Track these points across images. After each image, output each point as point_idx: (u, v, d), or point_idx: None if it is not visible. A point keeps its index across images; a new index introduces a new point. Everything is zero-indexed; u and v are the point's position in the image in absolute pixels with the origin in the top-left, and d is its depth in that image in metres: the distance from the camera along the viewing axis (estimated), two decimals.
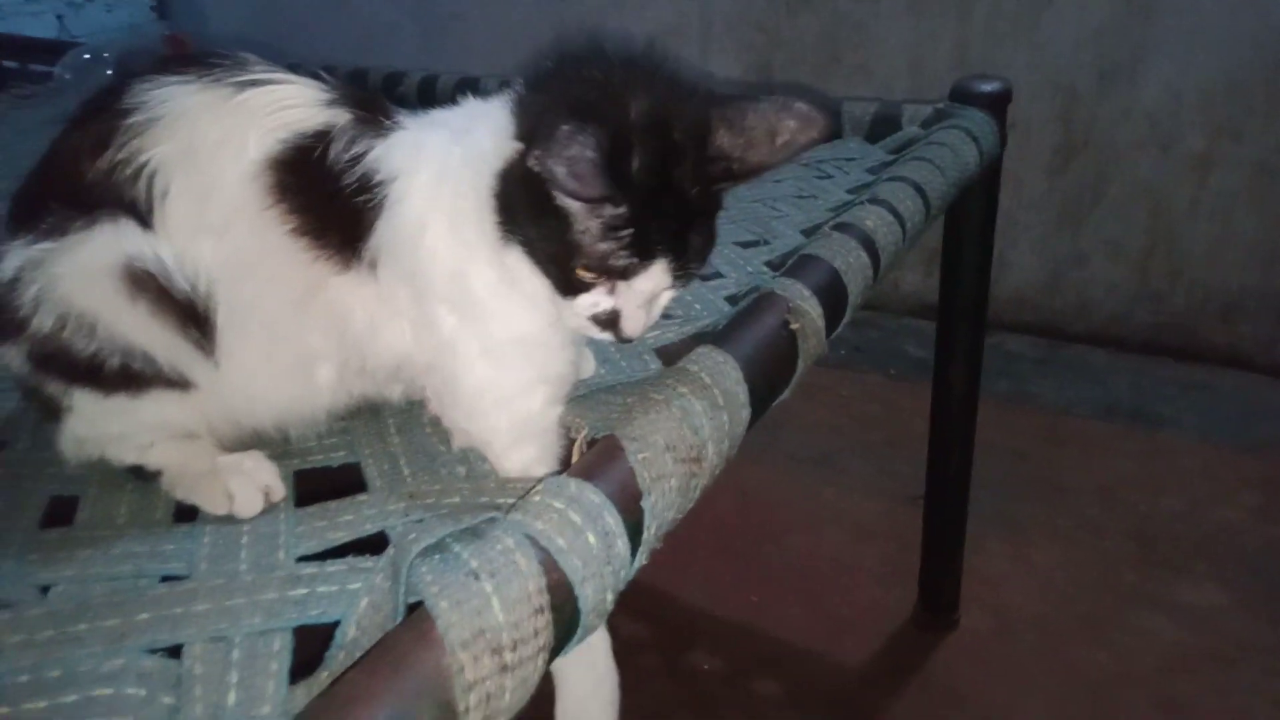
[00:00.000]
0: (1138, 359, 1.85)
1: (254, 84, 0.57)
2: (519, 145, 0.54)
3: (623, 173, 0.50)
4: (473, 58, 2.41)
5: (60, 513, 0.59)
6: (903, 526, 1.34)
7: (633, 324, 0.56)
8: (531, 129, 0.52)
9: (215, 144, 0.55)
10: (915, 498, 1.30)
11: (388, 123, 0.58)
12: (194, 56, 0.59)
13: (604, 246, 0.53)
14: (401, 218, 0.56)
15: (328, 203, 0.56)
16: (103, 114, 0.56)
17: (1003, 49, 1.83)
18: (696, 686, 1.22)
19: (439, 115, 0.61)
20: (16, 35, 2.14)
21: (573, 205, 0.52)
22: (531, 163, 0.49)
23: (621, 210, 0.52)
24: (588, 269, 0.54)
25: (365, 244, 0.56)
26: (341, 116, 0.57)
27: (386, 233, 0.56)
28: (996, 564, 1.38)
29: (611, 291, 0.55)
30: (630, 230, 0.53)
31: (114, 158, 0.54)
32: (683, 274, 0.56)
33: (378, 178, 0.56)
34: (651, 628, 0.60)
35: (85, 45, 1.54)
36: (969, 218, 1.08)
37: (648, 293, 0.56)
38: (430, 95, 1.44)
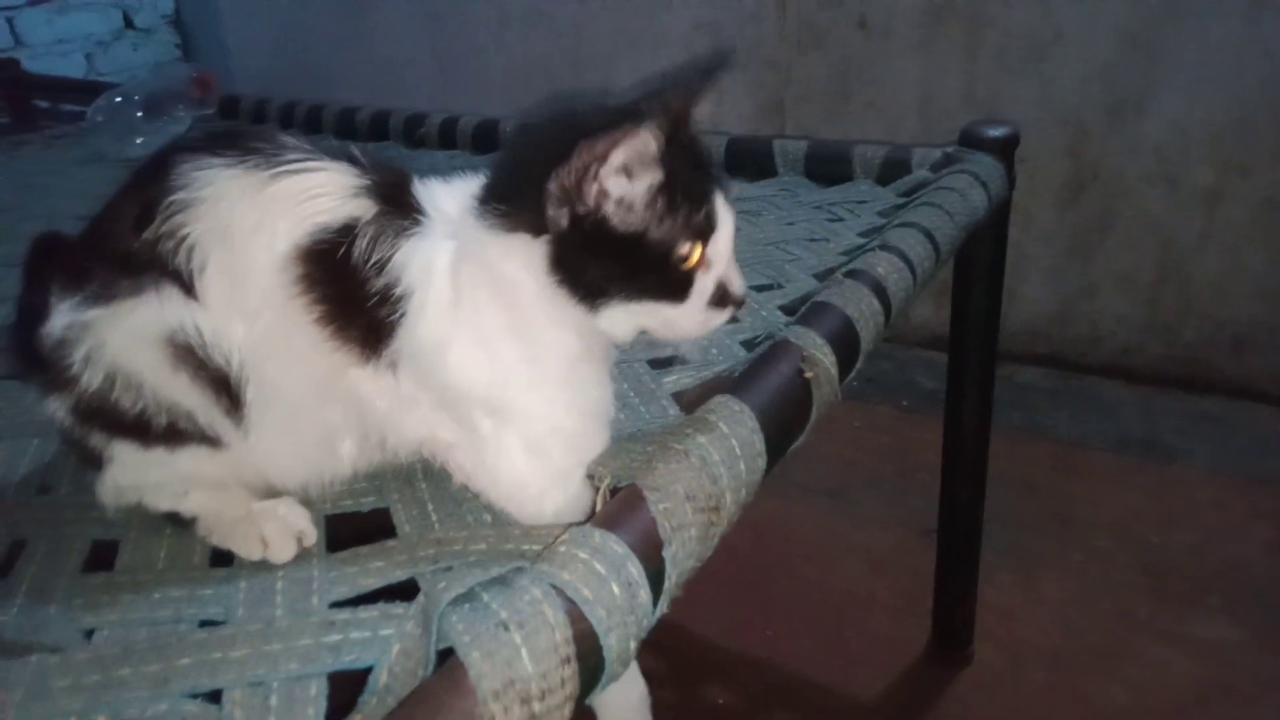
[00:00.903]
0: (1149, 391, 1.86)
1: (288, 172, 0.59)
2: (530, 235, 0.57)
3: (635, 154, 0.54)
4: (490, 93, 2.46)
5: (102, 557, 0.61)
6: (916, 559, 1.35)
7: (737, 280, 0.60)
8: (558, 193, 0.55)
9: (249, 230, 0.57)
10: (929, 530, 1.31)
11: (407, 222, 0.60)
12: (236, 135, 0.61)
13: (680, 217, 0.56)
14: (421, 334, 0.58)
15: (350, 300, 0.58)
16: (150, 186, 0.59)
17: (1011, 85, 1.86)
18: None
19: (449, 209, 0.62)
20: (48, 75, 2.20)
21: (634, 218, 0.56)
22: (594, 200, 0.55)
23: (661, 177, 0.55)
24: (686, 244, 0.57)
25: (384, 348, 0.59)
26: (367, 209, 0.59)
27: (407, 345, 0.58)
28: (1009, 597, 1.39)
29: (707, 267, 0.58)
30: (678, 186, 0.56)
31: (159, 229, 0.57)
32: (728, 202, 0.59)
33: (397, 290, 0.58)
34: (666, 661, 0.62)
35: (117, 88, 1.58)
36: (978, 256, 1.10)
37: (730, 233, 0.59)
38: (451, 138, 1.47)
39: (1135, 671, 1.27)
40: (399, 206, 0.60)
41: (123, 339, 0.57)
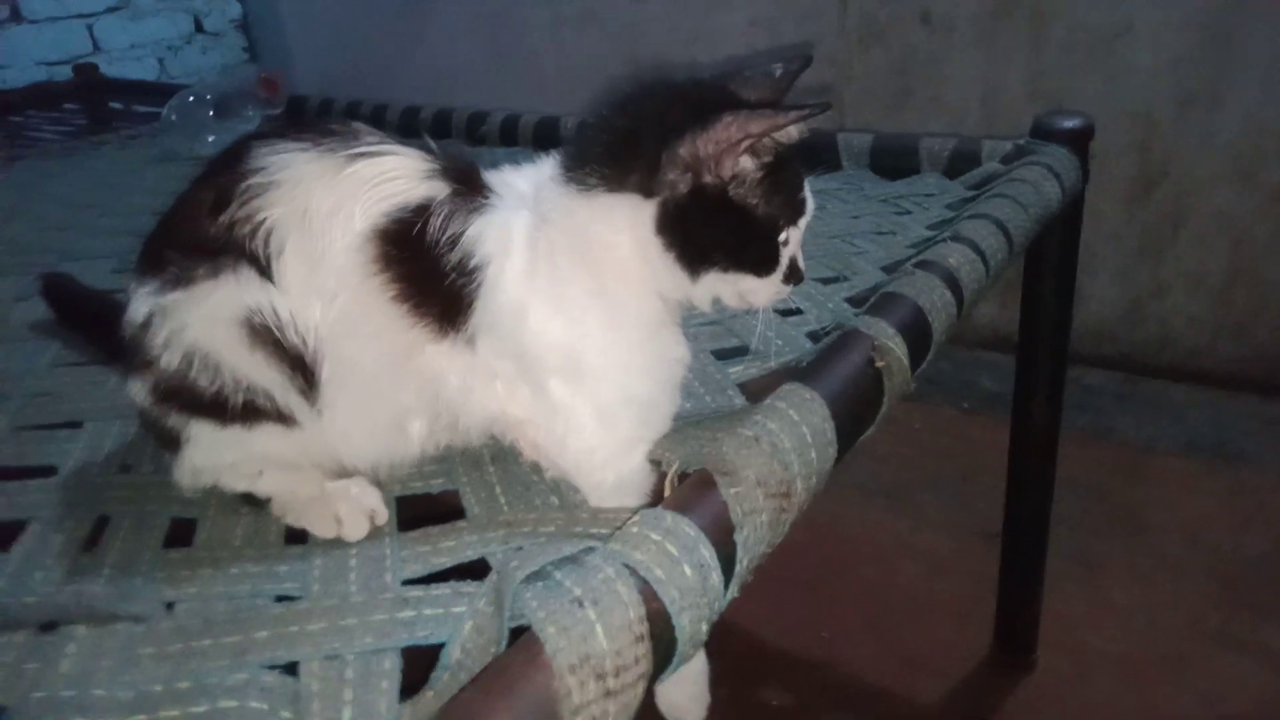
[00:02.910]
0: (1219, 394, 1.79)
1: (363, 155, 0.60)
2: (640, 197, 0.58)
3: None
4: (547, 92, 2.47)
5: (181, 534, 0.63)
6: (978, 562, 1.32)
7: (801, 257, 0.63)
8: (682, 158, 0.56)
9: (327, 212, 0.58)
10: (992, 534, 1.28)
11: (480, 199, 0.61)
12: (311, 123, 0.63)
13: (783, 198, 0.59)
14: (499, 302, 0.59)
15: (427, 276, 0.59)
16: (226, 173, 0.60)
17: (1077, 79, 1.82)
18: None
19: (522, 186, 0.63)
20: (122, 79, 2.28)
21: (750, 194, 0.58)
22: (719, 172, 0.56)
23: (770, 158, 0.58)
24: (789, 224, 0.60)
25: (463, 320, 0.59)
26: (441, 190, 0.60)
27: (485, 314, 0.59)
28: (1075, 603, 1.35)
29: (786, 241, 0.60)
30: (785, 169, 0.59)
31: (235, 214, 0.58)
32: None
33: (473, 261, 0.59)
34: (721, 661, 0.60)
35: (189, 89, 1.63)
36: (1050, 252, 1.08)
37: (809, 211, 0.62)
38: (512, 135, 1.48)
39: (1206, 682, 1.23)
40: (470, 187, 0.61)
41: (201, 321, 0.59)
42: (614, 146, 0.59)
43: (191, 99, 1.59)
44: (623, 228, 0.58)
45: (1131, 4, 1.73)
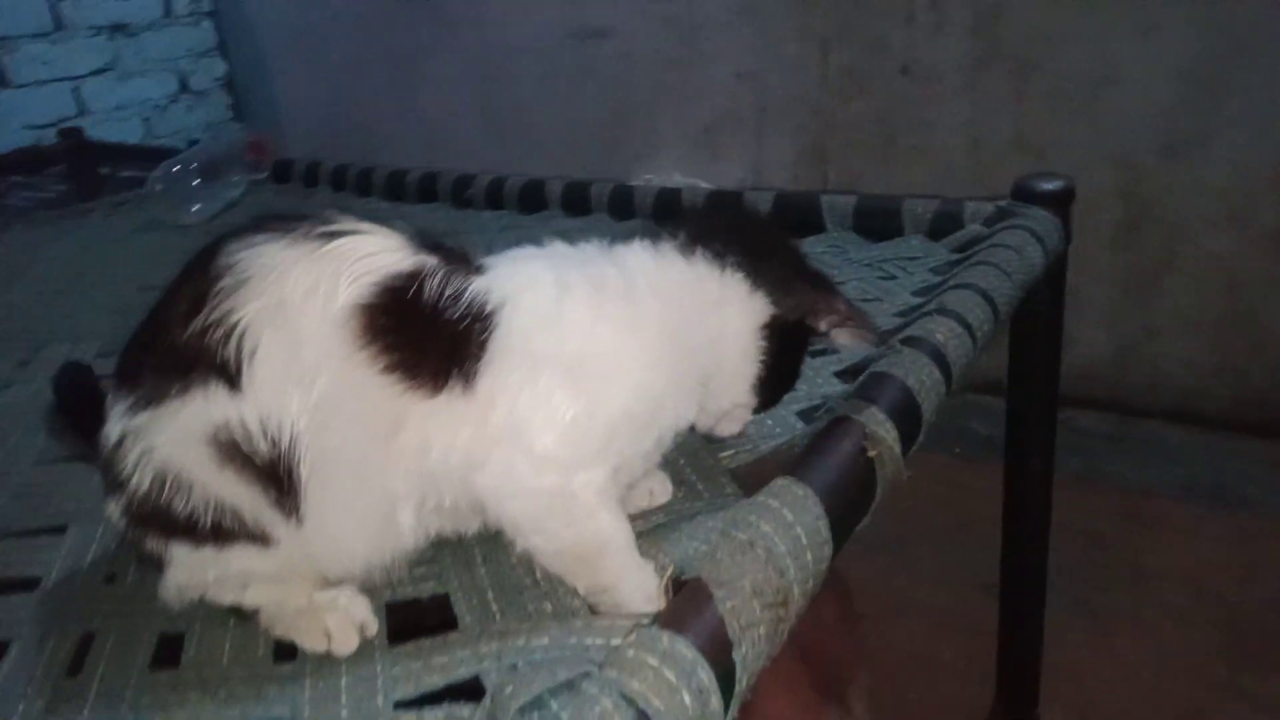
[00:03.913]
0: (1217, 436, 1.80)
1: (341, 234, 0.59)
2: (772, 308, 0.68)
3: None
4: (537, 147, 2.49)
5: (168, 650, 0.62)
6: (978, 616, 1.30)
7: None
8: (809, 301, 0.69)
9: (304, 294, 0.57)
10: (992, 586, 1.27)
11: (475, 267, 0.61)
12: (282, 215, 0.62)
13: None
14: (526, 320, 0.60)
15: (422, 336, 0.58)
16: (197, 277, 0.58)
17: (1063, 127, 1.84)
18: None
19: (525, 252, 0.66)
20: (110, 142, 2.29)
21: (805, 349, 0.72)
22: (824, 325, 0.70)
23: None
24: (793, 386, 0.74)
25: (467, 363, 0.58)
26: (430, 260, 0.60)
27: (501, 341, 0.59)
28: (1078, 655, 1.34)
29: None
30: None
31: (207, 319, 0.56)
32: None
33: (488, 306, 0.59)
34: None
35: (174, 157, 1.62)
36: (1036, 309, 1.08)
37: None
38: (497, 198, 1.48)
39: None
40: (462, 259, 0.62)
41: (170, 441, 0.57)
42: (760, 248, 0.69)
43: (176, 167, 1.59)
44: (741, 312, 0.68)
45: (1116, 53, 1.75)
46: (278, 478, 0.57)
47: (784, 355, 0.70)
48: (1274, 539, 1.56)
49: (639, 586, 0.59)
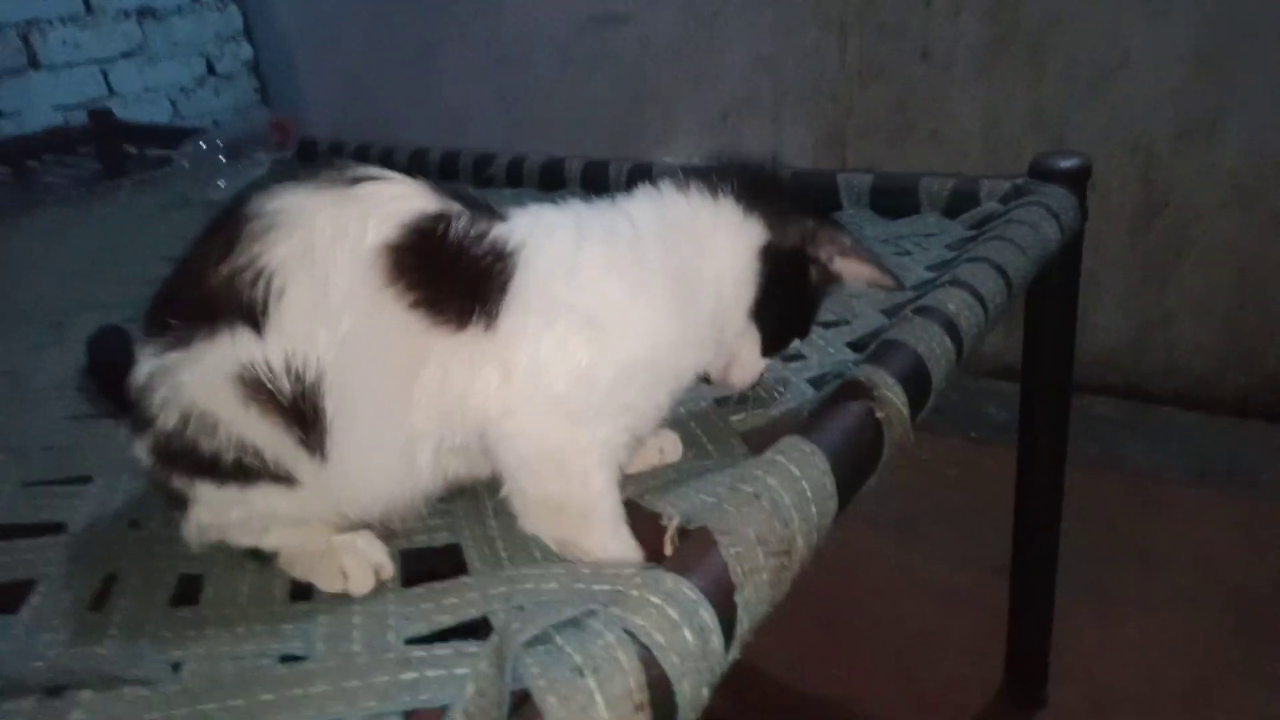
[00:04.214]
0: (1230, 421, 1.78)
1: (368, 180, 0.61)
2: (770, 237, 0.68)
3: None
4: (555, 133, 2.50)
5: (188, 591, 0.64)
6: (989, 596, 1.31)
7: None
8: (805, 231, 0.70)
9: (332, 236, 0.58)
10: (1004, 567, 1.27)
11: (499, 217, 0.64)
12: (311, 168, 0.64)
13: (810, 312, 0.74)
14: (547, 263, 0.62)
15: (448, 273, 0.60)
16: (226, 225, 0.61)
17: (1078, 110, 1.83)
18: None
19: (547, 207, 0.68)
20: (136, 122, 2.32)
21: (818, 291, 0.72)
22: (818, 255, 0.70)
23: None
24: (805, 332, 0.75)
25: (491, 302, 0.60)
26: (455, 206, 0.62)
27: (523, 282, 0.61)
28: (1087, 636, 1.34)
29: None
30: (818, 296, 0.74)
31: (235, 263, 0.58)
32: None
33: (509, 246, 0.61)
34: (729, 699, 0.59)
35: (200, 134, 1.65)
36: (1051, 289, 1.08)
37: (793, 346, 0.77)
38: (518, 177, 1.50)
39: (1223, 715, 1.22)
40: (485, 208, 0.64)
41: (197, 379, 0.59)
42: (758, 183, 0.70)
43: (203, 145, 1.62)
44: (734, 236, 0.68)
45: (1129, 36, 1.74)
46: (302, 416, 0.59)
47: (782, 283, 0.69)
48: None
49: (616, 557, 0.61)
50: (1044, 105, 1.86)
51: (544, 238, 0.63)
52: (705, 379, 0.72)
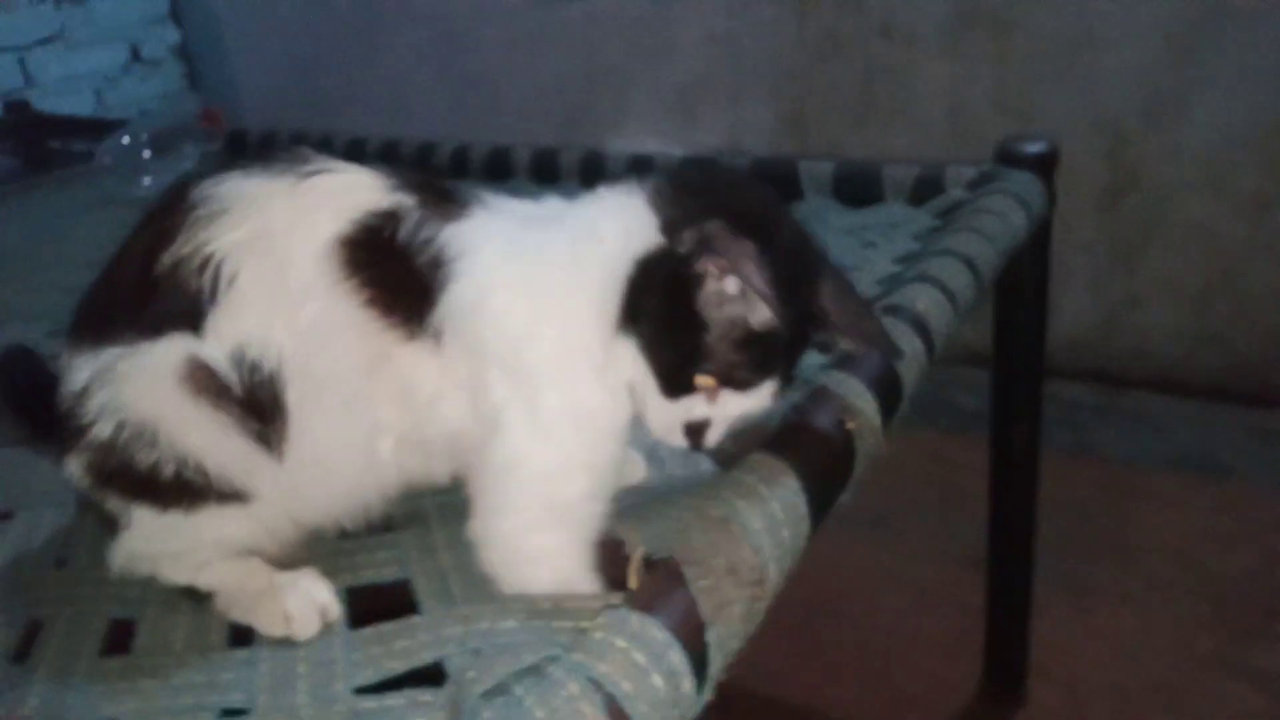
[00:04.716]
0: (1202, 405, 1.78)
1: (320, 172, 0.59)
2: (663, 241, 0.56)
3: (786, 295, 0.54)
4: (503, 117, 2.44)
5: (120, 635, 0.59)
6: (965, 592, 1.29)
7: (715, 436, 0.58)
8: (700, 236, 0.54)
9: (287, 226, 0.57)
10: (979, 561, 1.26)
11: (454, 207, 0.60)
12: (257, 153, 0.62)
13: (736, 357, 0.56)
14: (465, 288, 0.57)
15: (397, 278, 0.57)
16: (166, 213, 0.58)
17: (1043, 89, 1.81)
18: None
19: (507, 204, 0.63)
20: (59, 115, 2.20)
21: (718, 313, 0.55)
22: (707, 268, 0.55)
23: (776, 328, 0.55)
24: (711, 374, 0.56)
25: (431, 317, 0.57)
26: (407, 199, 0.59)
27: (450, 304, 0.57)
28: (1064, 630, 1.33)
29: (712, 401, 0.57)
30: (764, 348, 0.56)
31: (180, 251, 0.56)
32: (775, 396, 0.59)
33: (446, 256, 0.57)
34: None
35: (124, 128, 1.58)
36: (1020, 276, 1.06)
37: (746, 408, 0.58)
38: (462, 166, 1.45)
39: (1201, 706, 1.21)
40: (441, 197, 0.60)
41: (140, 380, 0.56)
42: (678, 185, 0.59)
43: (126, 139, 1.54)
44: (623, 226, 0.58)
45: (1095, 14, 1.72)
46: (259, 407, 0.56)
47: (661, 300, 0.56)
48: (1256, 507, 1.55)
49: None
50: (1010, 83, 1.84)
51: (476, 253, 0.58)
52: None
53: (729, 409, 0.57)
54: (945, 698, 1.27)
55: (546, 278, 0.58)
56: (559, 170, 1.35)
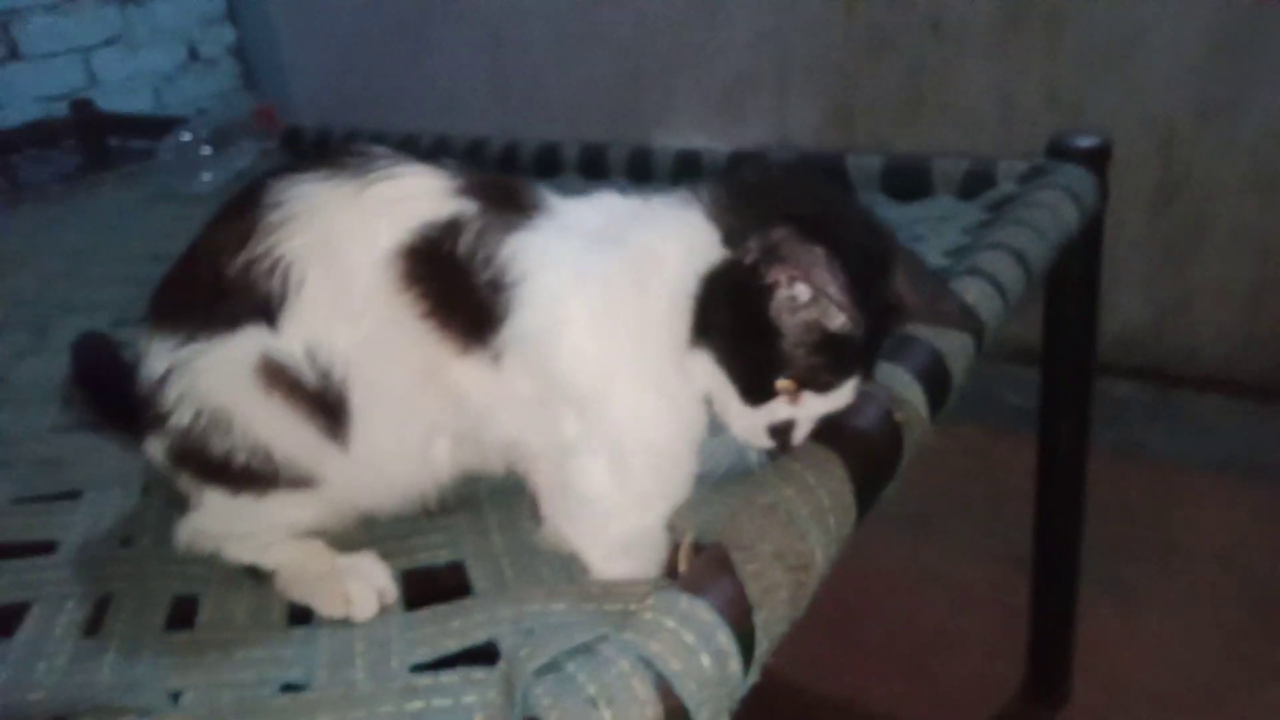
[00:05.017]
0: (1252, 405, 1.74)
1: (382, 177, 0.60)
2: (726, 254, 0.56)
3: (861, 295, 0.53)
4: (552, 113, 2.45)
5: (184, 612, 0.61)
6: (1008, 592, 1.28)
7: (801, 436, 0.58)
8: (765, 245, 0.53)
9: (349, 235, 0.58)
10: (1023, 561, 1.24)
11: (516, 215, 0.59)
12: (324, 154, 0.63)
13: (814, 361, 0.55)
14: (533, 319, 0.57)
15: (456, 293, 0.58)
16: (241, 213, 0.60)
17: (1094, 86, 1.78)
18: None
19: (568, 212, 0.61)
20: (119, 113, 2.26)
21: (792, 320, 0.54)
22: (778, 278, 0.53)
23: (856, 331, 0.54)
24: (794, 379, 0.55)
25: (491, 336, 0.58)
26: (469, 207, 0.59)
27: (516, 331, 0.57)
28: (1109, 632, 1.31)
29: (795, 403, 0.56)
30: (842, 348, 0.55)
31: (252, 253, 0.58)
32: (858, 392, 0.58)
33: (507, 278, 0.57)
34: (742, 704, 0.56)
35: (183, 126, 1.61)
36: (1071, 273, 1.04)
37: (830, 407, 0.57)
38: (512, 163, 1.46)
39: (1246, 712, 1.19)
40: (503, 203, 0.60)
41: (215, 372, 0.59)
42: (736, 192, 0.58)
43: (185, 137, 1.58)
44: (685, 245, 0.57)
45: (1146, 11, 1.69)
46: (327, 406, 0.59)
47: (733, 311, 0.56)
48: None
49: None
50: (1060, 80, 1.81)
51: (540, 278, 0.57)
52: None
53: (812, 409, 0.57)
54: (987, 697, 1.26)
55: (615, 315, 0.57)
56: (607, 166, 1.36)
